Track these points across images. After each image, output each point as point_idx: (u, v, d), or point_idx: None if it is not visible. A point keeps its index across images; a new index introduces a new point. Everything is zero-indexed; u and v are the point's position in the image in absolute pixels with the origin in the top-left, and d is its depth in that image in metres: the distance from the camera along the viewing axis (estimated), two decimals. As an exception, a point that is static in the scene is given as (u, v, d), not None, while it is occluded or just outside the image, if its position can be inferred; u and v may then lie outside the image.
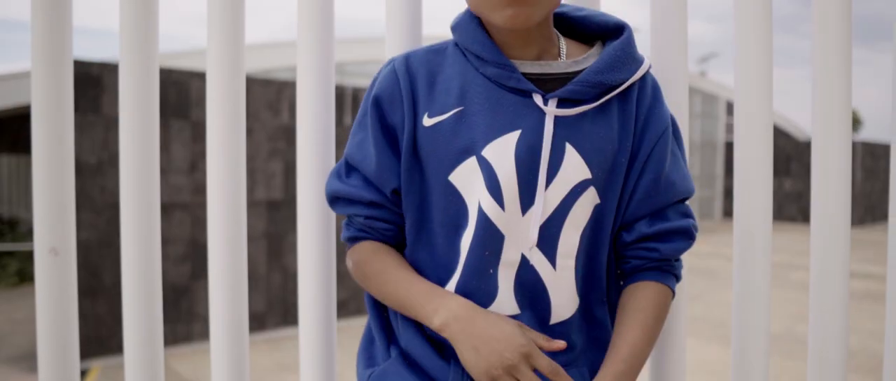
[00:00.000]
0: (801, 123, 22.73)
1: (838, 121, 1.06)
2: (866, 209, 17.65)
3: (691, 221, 0.86)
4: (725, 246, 11.52)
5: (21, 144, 10.91)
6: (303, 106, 1.11)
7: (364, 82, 11.28)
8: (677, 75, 1.07)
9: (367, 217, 0.85)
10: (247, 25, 1.13)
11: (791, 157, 17.58)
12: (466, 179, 0.79)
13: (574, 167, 0.79)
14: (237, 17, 1.10)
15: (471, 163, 0.79)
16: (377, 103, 0.83)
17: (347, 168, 0.87)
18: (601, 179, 0.81)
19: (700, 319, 6.91)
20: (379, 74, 0.86)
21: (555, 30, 0.86)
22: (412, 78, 0.82)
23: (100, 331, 5.31)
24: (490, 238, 0.79)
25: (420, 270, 0.85)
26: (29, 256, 8.99)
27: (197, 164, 5.93)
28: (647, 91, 0.85)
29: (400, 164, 0.82)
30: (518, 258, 0.80)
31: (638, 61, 0.83)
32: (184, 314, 5.91)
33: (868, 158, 17.61)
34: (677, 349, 1.09)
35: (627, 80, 0.81)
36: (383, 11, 1.11)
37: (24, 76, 7.94)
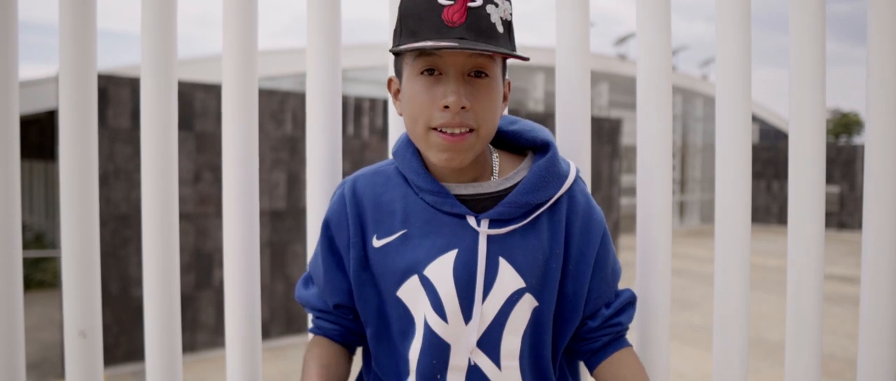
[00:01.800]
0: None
1: (812, 124, 1.08)
2: (867, 214, 17.55)
3: (629, 289, 0.99)
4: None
5: (26, 150, 10.97)
6: (311, 112, 1.16)
7: (367, 89, 11.33)
8: (662, 77, 1.11)
9: (316, 318, 0.98)
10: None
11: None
12: (412, 295, 0.87)
13: (508, 279, 0.86)
14: (250, 25, 1.14)
15: (414, 281, 0.87)
16: (327, 226, 0.93)
17: (308, 278, 1.00)
18: (535, 286, 0.88)
19: (698, 327, 6.91)
20: (334, 194, 0.95)
21: (489, 147, 0.93)
22: (358, 203, 0.91)
23: (106, 340, 5.38)
24: (436, 348, 0.87)
25: (383, 373, 0.93)
26: (33, 263, 9.04)
27: (201, 174, 6.00)
28: (578, 200, 0.91)
29: (346, 282, 0.92)
30: (465, 363, 0.88)
31: (562, 176, 0.90)
32: (188, 323, 5.98)
33: (868, 163, 17.52)
34: (661, 357, 1.12)
35: (553, 196, 0.88)
36: (386, 12, 1.13)
37: (31, 84, 8.01)
